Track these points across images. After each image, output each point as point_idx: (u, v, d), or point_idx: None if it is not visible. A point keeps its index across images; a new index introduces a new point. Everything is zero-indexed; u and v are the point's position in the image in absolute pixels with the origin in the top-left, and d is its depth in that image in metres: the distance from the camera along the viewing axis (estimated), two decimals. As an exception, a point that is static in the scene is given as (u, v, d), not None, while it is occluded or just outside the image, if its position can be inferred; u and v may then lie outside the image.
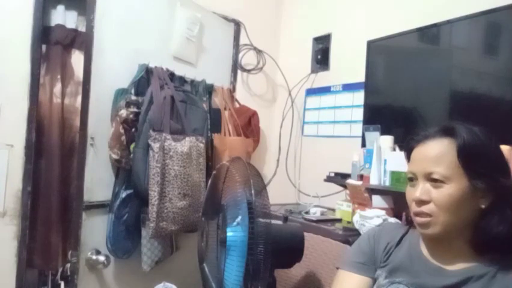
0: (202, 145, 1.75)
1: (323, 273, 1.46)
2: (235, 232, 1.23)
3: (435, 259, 0.87)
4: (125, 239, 1.66)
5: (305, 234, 1.25)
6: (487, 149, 0.82)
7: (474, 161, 0.80)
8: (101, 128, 1.59)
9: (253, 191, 1.05)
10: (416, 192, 0.83)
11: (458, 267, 0.83)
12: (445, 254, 0.85)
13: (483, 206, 0.81)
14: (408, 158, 0.91)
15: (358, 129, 1.88)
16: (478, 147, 0.81)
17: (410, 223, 0.97)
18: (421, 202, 0.82)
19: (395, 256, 0.92)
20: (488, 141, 0.82)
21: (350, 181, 1.61)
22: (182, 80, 1.88)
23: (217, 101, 2.06)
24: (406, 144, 0.92)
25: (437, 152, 0.82)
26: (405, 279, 0.87)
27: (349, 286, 0.94)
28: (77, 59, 1.72)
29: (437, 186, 0.81)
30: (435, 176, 0.81)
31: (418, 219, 0.84)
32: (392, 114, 1.70)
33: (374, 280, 0.93)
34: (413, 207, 0.85)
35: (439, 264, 0.85)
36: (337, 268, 1.00)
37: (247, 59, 2.29)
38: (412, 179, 0.87)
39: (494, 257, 0.81)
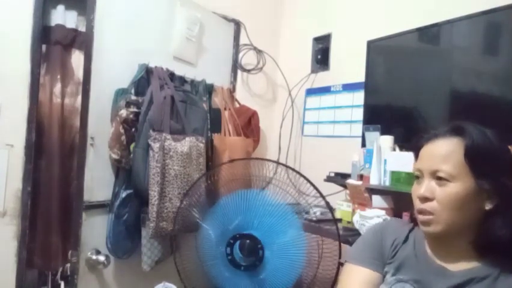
0: (202, 145, 1.75)
1: (322, 273, 1.46)
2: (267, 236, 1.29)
3: (438, 258, 0.86)
4: (125, 239, 1.66)
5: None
6: (495, 151, 0.81)
7: (481, 161, 0.79)
8: (101, 128, 1.59)
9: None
10: (421, 189, 0.83)
11: (461, 268, 0.83)
12: (448, 253, 0.85)
13: (488, 208, 0.80)
14: (416, 156, 0.90)
15: (358, 129, 1.88)
16: (486, 148, 0.80)
17: (414, 221, 0.96)
18: (425, 199, 0.82)
19: (401, 253, 0.91)
20: (498, 143, 0.82)
21: (350, 181, 1.61)
22: (182, 80, 1.88)
23: (217, 101, 2.06)
24: (415, 142, 0.91)
25: (444, 150, 0.82)
26: (411, 278, 0.86)
27: (359, 279, 0.92)
28: (77, 59, 1.72)
29: (442, 184, 0.80)
30: (440, 174, 0.80)
31: (420, 217, 0.83)
32: (392, 114, 1.70)
33: (383, 276, 0.92)
34: (417, 204, 0.84)
35: (442, 264, 0.85)
36: (345, 262, 0.98)
37: (247, 59, 2.29)
38: (418, 177, 0.86)
39: (497, 259, 0.80)
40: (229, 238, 1.39)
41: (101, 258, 1.59)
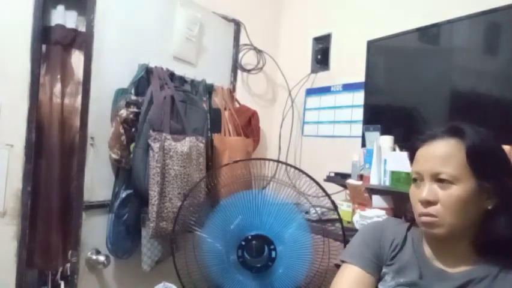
0: (202, 145, 1.75)
1: (323, 273, 1.46)
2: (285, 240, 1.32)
3: (438, 261, 0.86)
4: (125, 239, 1.66)
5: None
6: (494, 150, 0.82)
7: (482, 161, 0.79)
8: (101, 128, 1.59)
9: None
10: (423, 192, 0.81)
11: (460, 270, 0.82)
12: (448, 255, 0.84)
13: (489, 208, 0.80)
14: (411, 158, 0.89)
15: (358, 129, 1.88)
16: (486, 148, 0.80)
17: (410, 221, 0.96)
18: (428, 203, 0.81)
19: (401, 255, 0.90)
20: (495, 142, 0.82)
21: (350, 181, 1.61)
22: (182, 80, 1.88)
23: (217, 101, 2.06)
24: (411, 144, 0.90)
25: (445, 152, 0.81)
26: (411, 282, 0.85)
27: (351, 279, 0.90)
28: (77, 59, 1.72)
29: (445, 187, 0.80)
30: (443, 176, 0.79)
31: (424, 219, 0.82)
32: (392, 114, 1.70)
33: (378, 278, 0.91)
34: (419, 208, 0.83)
35: (441, 267, 0.85)
36: (341, 261, 0.96)
37: (247, 59, 2.29)
38: (416, 179, 0.85)
39: (496, 258, 0.80)
40: (241, 240, 1.37)
41: (101, 258, 1.59)
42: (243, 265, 1.37)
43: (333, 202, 1.47)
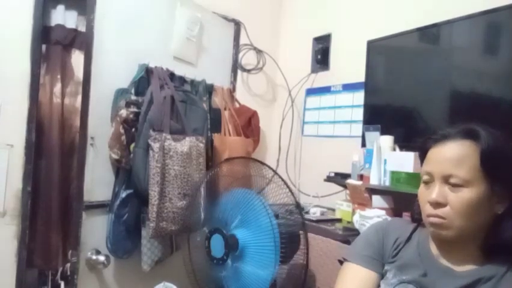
0: (202, 145, 1.75)
1: (322, 273, 1.46)
2: (246, 233, 1.31)
3: (444, 259, 0.85)
4: (125, 239, 1.66)
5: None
6: (508, 154, 0.80)
7: (497, 165, 0.78)
8: (101, 128, 1.60)
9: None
10: (433, 194, 0.80)
11: (467, 268, 0.82)
12: (455, 255, 0.83)
13: (499, 212, 0.79)
14: (422, 157, 0.88)
15: (358, 129, 1.88)
16: (500, 152, 0.79)
17: (417, 221, 0.95)
18: (437, 205, 0.79)
19: (404, 253, 0.89)
20: (507, 145, 0.80)
21: (350, 181, 1.61)
22: (182, 80, 1.88)
23: (217, 101, 2.06)
24: (422, 143, 0.88)
25: (458, 154, 0.79)
26: (414, 279, 0.85)
27: (357, 279, 0.90)
28: (77, 59, 1.72)
29: (456, 189, 0.78)
30: (454, 179, 0.78)
31: (432, 220, 0.81)
32: (392, 114, 1.70)
33: (381, 275, 0.91)
34: (428, 209, 0.82)
35: (448, 265, 0.84)
36: (344, 259, 0.96)
37: (247, 59, 2.29)
38: (427, 180, 0.84)
39: (503, 258, 0.80)
40: (207, 232, 1.45)
41: (101, 258, 1.59)
42: (208, 255, 1.44)
43: (298, 204, 1.50)
